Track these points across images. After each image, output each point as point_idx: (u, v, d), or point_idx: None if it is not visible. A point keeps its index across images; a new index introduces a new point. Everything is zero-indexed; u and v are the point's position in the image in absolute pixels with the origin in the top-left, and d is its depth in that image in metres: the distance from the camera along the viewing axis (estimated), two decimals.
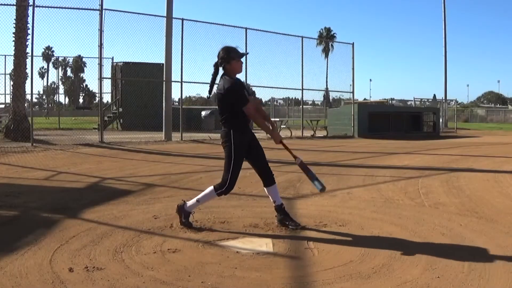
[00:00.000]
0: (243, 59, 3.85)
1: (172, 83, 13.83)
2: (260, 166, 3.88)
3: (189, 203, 3.83)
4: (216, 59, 3.80)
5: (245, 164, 3.94)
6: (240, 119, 3.73)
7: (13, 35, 12.22)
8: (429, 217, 4.29)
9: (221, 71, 3.81)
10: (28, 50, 12.04)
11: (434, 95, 38.12)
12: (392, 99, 30.09)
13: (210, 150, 10.85)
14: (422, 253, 3.20)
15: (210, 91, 3.92)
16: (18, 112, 12.32)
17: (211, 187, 3.81)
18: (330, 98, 32.47)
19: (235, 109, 3.69)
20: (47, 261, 2.97)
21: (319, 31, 64.39)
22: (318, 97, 29.75)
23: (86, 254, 3.13)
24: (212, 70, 3.82)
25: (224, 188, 3.73)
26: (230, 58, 3.71)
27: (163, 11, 13.60)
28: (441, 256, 3.14)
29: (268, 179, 3.89)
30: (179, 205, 3.88)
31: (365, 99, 54.96)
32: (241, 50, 3.84)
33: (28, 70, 12.23)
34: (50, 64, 73.47)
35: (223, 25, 15.02)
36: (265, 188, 3.95)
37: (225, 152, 3.76)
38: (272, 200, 3.95)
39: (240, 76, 3.96)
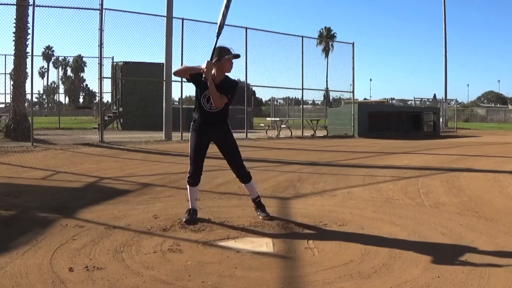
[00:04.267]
0: (235, 60, 3.94)
1: (172, 83, 13.84)
2: (230, 164, 4.09)
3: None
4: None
5: (246, 165, 4.00)
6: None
7: (13, 35, 12.20)
8: (429, 217, 4.29)
9: None
10: (28, 49, 12.04)
11: (434, 95, 38.12)
12: (392, 99, 30.00)
13: (210, 149, 10.81)
14: (422, 253, 3.20)
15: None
16: (18, 111, 12.31)
17: None
18: (330, 97, 32.46)
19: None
20: (47, 261, 2.97)
21: (319, 31, 64.57)
22: (318, 97, 29.74)
23: (86, 253, 3.13)
24: None
25: (187, 176, 4.01)
26: (221, 56, 3.82)
27: (163, 10, 13.63)
28: (441, 256, 3.15)
29: (240, 177, 4.09)
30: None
31: (365, 98, 55.01)
32: (236, 51, 3.91)
33: (28, 70, 12.23)
34: (50, 64, 73.48)
35: None
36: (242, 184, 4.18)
37: None
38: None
39: (241, 76, 4.01)
